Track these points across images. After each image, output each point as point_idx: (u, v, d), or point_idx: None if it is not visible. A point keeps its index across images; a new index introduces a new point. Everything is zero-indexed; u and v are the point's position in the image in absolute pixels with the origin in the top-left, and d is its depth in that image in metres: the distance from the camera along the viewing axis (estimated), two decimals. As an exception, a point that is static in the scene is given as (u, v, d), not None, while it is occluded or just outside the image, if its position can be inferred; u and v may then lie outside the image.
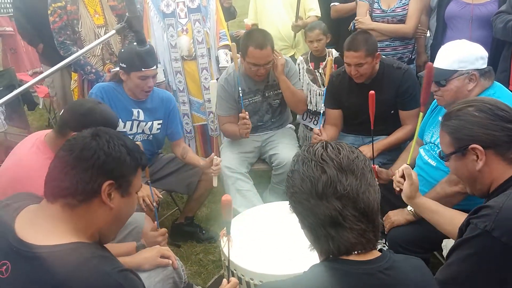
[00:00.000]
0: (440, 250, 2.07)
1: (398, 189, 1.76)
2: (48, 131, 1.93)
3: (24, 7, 3.69)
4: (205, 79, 3.29)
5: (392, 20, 3.13)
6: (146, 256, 1.81)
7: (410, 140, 2.50)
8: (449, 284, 1.19)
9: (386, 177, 2.21)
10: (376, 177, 1.07)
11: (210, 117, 3.38)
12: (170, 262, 1.82)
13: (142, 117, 2.57)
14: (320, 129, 2.63)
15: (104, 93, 2.48)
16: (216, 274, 2.56)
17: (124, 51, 2.50)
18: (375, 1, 3.17)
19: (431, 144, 2.11)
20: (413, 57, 3.27)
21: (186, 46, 3.19)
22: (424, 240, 1.94)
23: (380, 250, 1.02)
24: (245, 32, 3.18)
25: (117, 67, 2.61)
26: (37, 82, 1.73)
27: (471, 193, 1.41)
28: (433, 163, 2.05)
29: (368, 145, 2.68)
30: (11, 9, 4.81)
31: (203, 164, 2.56)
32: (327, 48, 3.19)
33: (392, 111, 2.65)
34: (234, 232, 1.96)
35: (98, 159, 1.13)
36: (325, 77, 3.08)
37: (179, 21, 3.17)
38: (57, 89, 3.89)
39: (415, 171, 2.16)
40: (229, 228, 1.57)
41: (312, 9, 3.55)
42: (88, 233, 1.14)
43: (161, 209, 3.12)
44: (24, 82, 4.69)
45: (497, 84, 1.92)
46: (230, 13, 4.42)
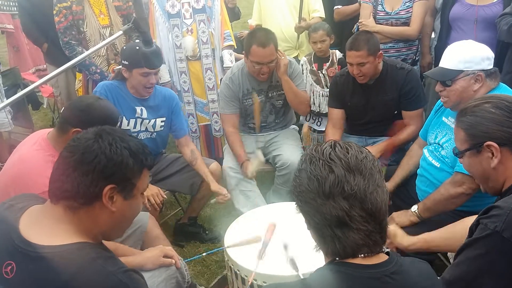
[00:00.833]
0: (444, 252, 2.06)
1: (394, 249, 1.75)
2: (51, 130, 1.93)
3: (30, 6, 3.71)
4: (209, 79, 3.30)
5: (396, 23, 3.12)
6: (149, 255, 1.80)
7: (413, 140, 2.50)
8: (457, 283, 1.18)
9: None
10: None
11: (214, 117, 3.38)
12: (173, 261, 1.81)
13: (145, 114, 2.57)
14: None
15: (108, 91, 2.49)
16: (219, 274, 2.55)
17: (126, 48, 2.50)
18: (379, 3, 3.16)
19: (435, 145, 2.10)
20: (416, 58, 3.26)
21: (191, 46, 3.19)
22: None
23: (387, 253, 1.01)
24: (248, 31, 3.18)
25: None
26: (43, 82, 1.74)
27: (484, 191, 1.38)
28: (437, 165, 2.05)
29: (371, 146, 2.68)
30: (14, 8, 4.82)
31: (214, 189, 2.56)
32: (330, 49, 3.18)
33: (395, 112, 2.64)
34: (236, 232, 1.98)
35: (99, 163, 1.11)
36: (328, 78, 3.09)
37: (184, 21, 3.18)
38: (62, 88, 3.91)
39: (419, 172, 2.17)
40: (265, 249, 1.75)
41: (316, 10, 3.55)
42: (92, 234, 1.14)
43: (164, 209, 3.12)
44: (27, 81, 4.71)
45: (502, 85, 1.92)
46: (234, 14, 4.42)
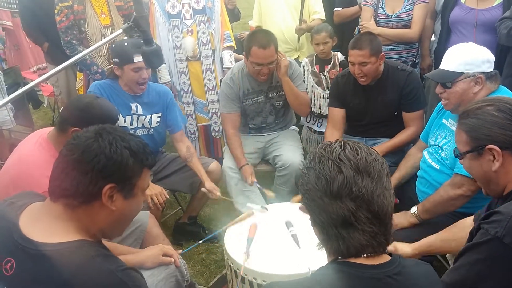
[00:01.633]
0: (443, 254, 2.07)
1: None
2: (51, 129, 1.93)
3: (31, 5, 3.71)
4: (209, 80, 3.30)
5: (397, 25, 3.13)
6: (148, 254, 1.81)
7: (413, 142, 2.50)
8: (456, 287, 1.18)
9: None
10: None
11: (214, 118, 3.39)
12: (173, 260, 1.81)
13: (140, 111, 2.58)
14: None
15: (102, 90, 2.50)
16: (219, 274, 2.56)
17: (115, 46, 2.50)
18: (379, 6, 3.17)
19: (435, 147, 2.11)
20: (417, 61, 3.27)
21: (191, 47, 3.20)
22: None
23: (390, 254, 1.02)
24: (249, 32, 3.18)
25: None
26: (43, 80, 1.74)
27: (485, 193, 1.38)
28: (436, 166, 2.05)
29: (371, 147, 2.67)
30: (14, 5, 4.82)
31: (208, 187, 2.59)
32: (332, 51, 3.19)
33: (396, 113, 2.65)
34: (236, 232, 1.99)
35: (98, 162, 1.10)
36: (329, 80, 3.09)
37: (184, 22, 3.18)
38: (62, 88, 3.91)
39: (419, 174, 2.18)
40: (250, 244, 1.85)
41: (317, 12, 3.55)
42: (91, 232, 1.14)
43: (164, 209, 3.12)
44: (28, 80, 4.70)
45: (503, 88, 1.92)
46: (234, 15, 4.42)
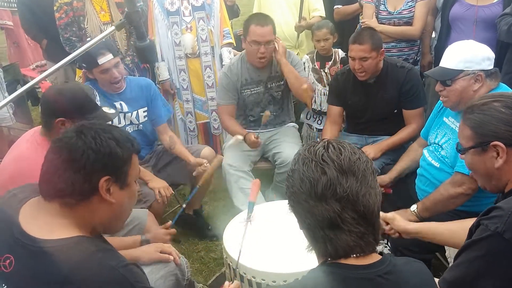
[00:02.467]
0: (442, 252, 2.07)
1: (396, 234, 1.72)
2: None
3: (30, 2, 3.69)
4: (209, 77, 3.29)
5: (399, 23, 3.12)
6: (145, 249, 1.81)
7: (413, 140, 2.50)
8: (457, 284, 1.18)
9: (381, 182, 2.22)
10: None
11: (213, 115, 3.38)
12: (171, 257, 1.81)
13: (125, 108, 2.57)
14: None
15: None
16: (218, 272, 2.56)
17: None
18: (381, 3, 3.16)
19: (435, 145, 2.11)
20: (418, 58, 3.26)
21: (190, 44, 3.18)
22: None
23: (380, 253, 1.01)
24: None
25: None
26: (44, 77, 1.73)
27: (483, 187, 1.37)
28: (436, 165, 2.05)
29: (371, 145, 2.68)
30: (13, 4, 4.80)
31: (193, 162, 2.57)
32: (333, 48, 3.18)
33: (396, 110, 2.65)
34: (235, 232, 1.98)
35: (88, 158, 1.10)
36: (330, 77, 3.08)
37: (184, 19, 3.17)
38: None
39: (419, 172, 2.17)
40: (251, 209, 1.97)
41: (317, 9, 3.54)
42: (90, 227, 1.14)
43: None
44: (27, 77, 4.69)
45: (503, 85, 1.92)
46: (233, 12, 4.41)
